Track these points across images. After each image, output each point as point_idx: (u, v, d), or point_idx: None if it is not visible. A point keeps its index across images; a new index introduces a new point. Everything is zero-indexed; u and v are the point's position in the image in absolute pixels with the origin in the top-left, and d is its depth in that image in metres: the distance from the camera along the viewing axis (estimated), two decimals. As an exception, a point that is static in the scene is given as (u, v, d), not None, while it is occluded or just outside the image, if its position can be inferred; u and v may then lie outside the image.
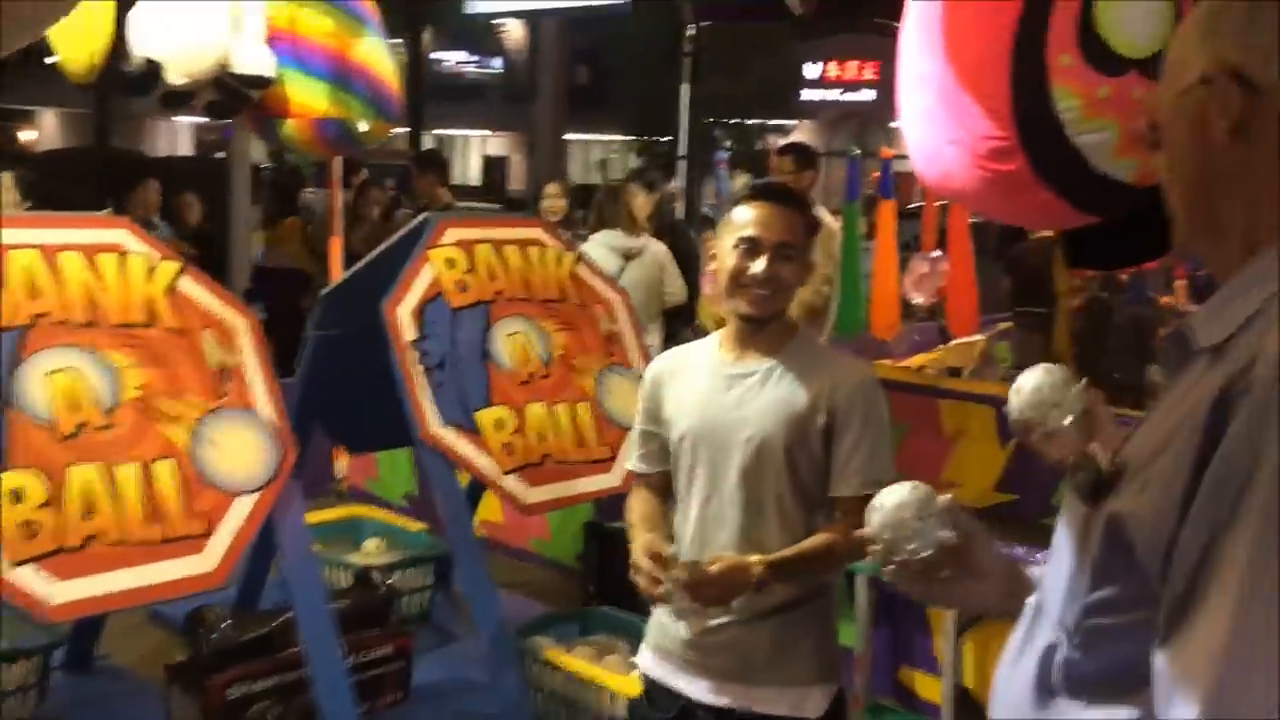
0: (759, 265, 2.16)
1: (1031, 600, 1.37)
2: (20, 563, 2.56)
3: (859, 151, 7.34)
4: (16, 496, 2.59)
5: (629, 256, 5.42)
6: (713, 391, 2.21)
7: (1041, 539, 1.57)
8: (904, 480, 2.00)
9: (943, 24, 2.52)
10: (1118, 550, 1.13)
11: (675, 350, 2.42)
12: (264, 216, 8.51)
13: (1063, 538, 1.27)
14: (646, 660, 2.28)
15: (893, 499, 1.53)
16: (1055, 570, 1.27)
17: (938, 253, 7.44)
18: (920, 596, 1.61)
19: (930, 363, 7.30)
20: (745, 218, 2.20)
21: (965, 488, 6.17)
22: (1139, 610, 1.12)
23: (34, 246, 2.82)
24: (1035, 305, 6.52)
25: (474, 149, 37.25)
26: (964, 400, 6.30)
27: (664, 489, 2.32)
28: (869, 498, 2.08)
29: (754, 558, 2.08)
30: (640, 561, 2.10)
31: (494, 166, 34.68)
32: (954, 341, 7.22)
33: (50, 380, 2.74)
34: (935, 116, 2.66)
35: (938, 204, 8.30)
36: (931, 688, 3.78)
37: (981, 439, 6.22)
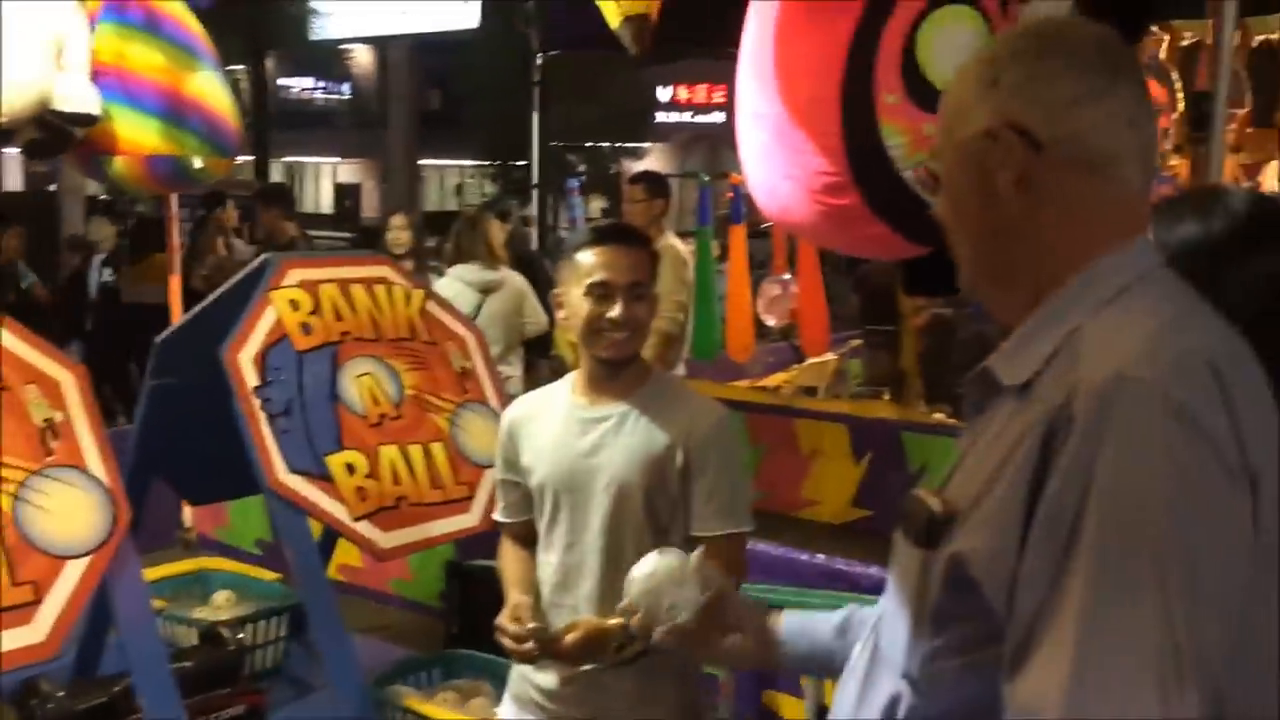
0: (615, 310, 2.16)
1: (857, 649, 1.39)
2: None
3: (708, 177, 7.47)
4: None
5: (487, 290, 5.38)
6: (568, 437, 2.20)
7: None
8: (752, 518, 2.04)
9: (775, 64, 2.57)
10: (961, 590, 1.15)
11: (529, 395, 2.40)
12: (131, 250, 8.13)
13: (897, 584, 1.28)
14: (508, 710, 2.25)
15: (647, 568, 1.62)
16: (893, 617, 1.29)
17: (788, 275, 7.62)
18: (691, 656, 1.69)
19: (785, 383, 7.45)
20: (592, 262, 2.19)
21: (823, 504, 6.31)
22: (985, 649, 1.14)
23: None
24: (883, 323, 6.72)
25: (325, 176, 36.54)
26: (819, 419, 6.45)
27: (531, 538, 2.29)
28: (729, 537, 2.11)
29: (613, 622, 2.05)
30: (506, 627, 2.11)
31: (346, 194, 34.08)
32: (808, 361, 7.39)
33: None
34: (772, 153, 2.71)
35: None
36: (796, 709, 3.83)
37: (836, 456, 6.37)
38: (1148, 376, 1.06)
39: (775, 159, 2.65)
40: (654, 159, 25.41)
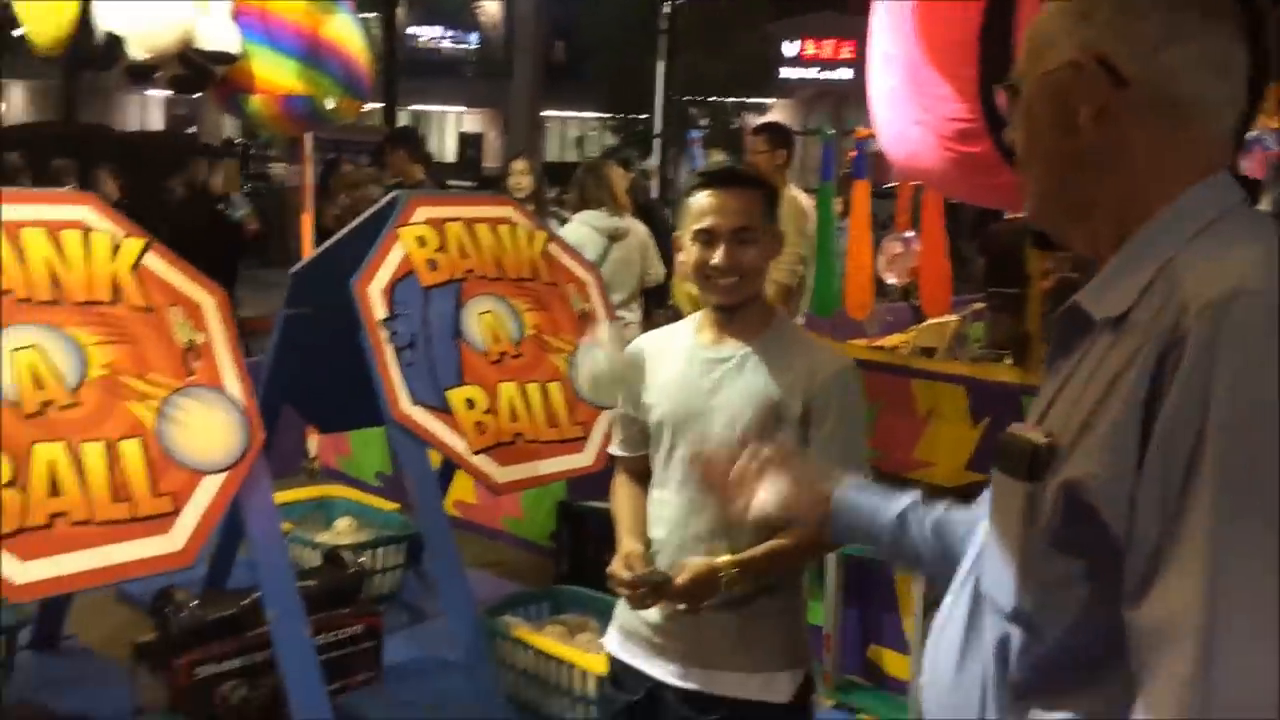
0: (718, 255, 2.14)
1: (948, 600, 1.37)
2: (-17, 542, 2.54)
3: (833, 131, 7.35)
4: (-21, 476, 2.56)
5: (614, 237, 5.39)
6: (689, 375, 2.20)
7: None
8: (869, 471, 2.03)
9: (912, 6, 2.51)
10: (1077, 518, 1.14)
11: (654, 333, 2.41)
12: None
13: (1001, 523, 1.27)
14: (613, 642, 2.28)
15: None
16: (995, 557, 1.27)
17: (911, 233, 7.47)
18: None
19: (903, 343, 7.33)
20: (699, 207, 2.17)
21: (936, 466, 6.22)
22: (1100, 580, 1.13)
23: (-5, 223, 2.78)
24: (1008, 286, 6.54)
25: (449, 126, 37.02)
26: (936, 380, 6.34)
27: (645, 473, 2.31)
28: None
29: (722, 560, 2.07)
30: (619, 574, 2.13)
31: (469, 143, 34.51)
32: (927, 322, 7.25)
33: (14, 358, 2.70)
34: (902, 97, 2.66)
35: (913, 184, 8.33)
36: (901, 665, 3.82)
37: (953, 419, 6.26)
38: (1264, 288, 1.06)
39: (906, 103, 2.60)
40: (777, 115, 25.07)
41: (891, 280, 7.75)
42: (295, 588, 3.08)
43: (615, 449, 2.41)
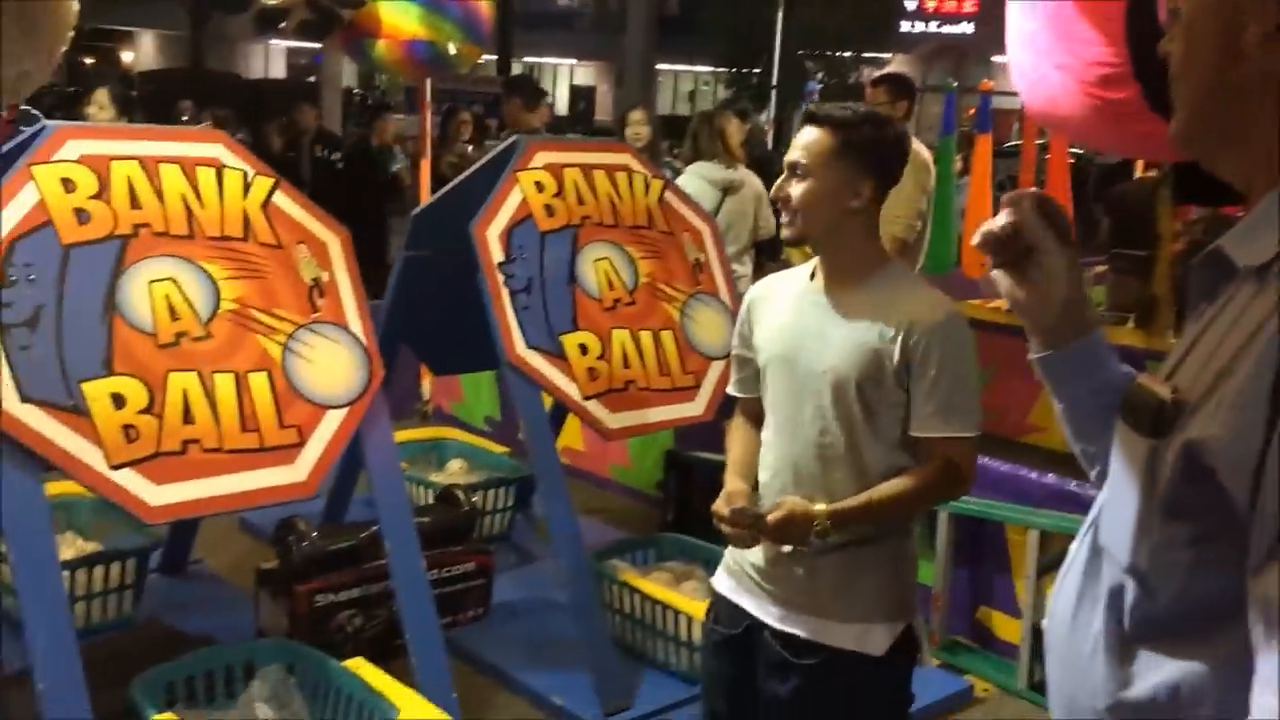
0: (775, 189, 2.19)
1: (1075, 544, 1.33)
2: (120, 465, 2.65)
3: (956, 84, 7.16)
4: (119, 401, 2.67)
5: (728, 189, 5.34)
6: (796, 320, 2.18)
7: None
8: (979, 423, 1.96)
9: (1058, -57, 2.41)
10: (1196, 479, 1.09)
11: (772, 276, 2.39)
12: None
13: (1122, 476, 1.22)
14: (720, 578, 2.29)
15: None
16: (1115, 509, 1.23)
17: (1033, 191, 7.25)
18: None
19: (1021, 303, 7.14)
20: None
21: (1051, 431, 6.07)
22: (1218, 543, 1.08)
23: (135, 158, 2.88)
24: (1134, 248, 6.31)
25: (562, 78, 37.09)
26: (1055, 343, 6.18)
27: (761, 415, 2.29)
28: (948, 441, 2.04)
29: (819, 507, 2.05)
30: (720, 510, 2.15)
31: (581, 96, 34.55)
32: (1047, 283, 7.05)
33: (151, 290, 2.80)
34: (1043, 41, 2.55)
35: (1037, 142, 8.08)
36: (1010, 628, 3.75)
37: (1071, 383, 6.09)
38: None
39: (1047, 48, 2.49)
40: (895, 69, 24.53)
41: (1012, 239, 7.54)
42: (412, 521, 3.15)
43: (732, 388, 2.40)
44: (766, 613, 2.15)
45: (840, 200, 2.10)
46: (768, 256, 5.83)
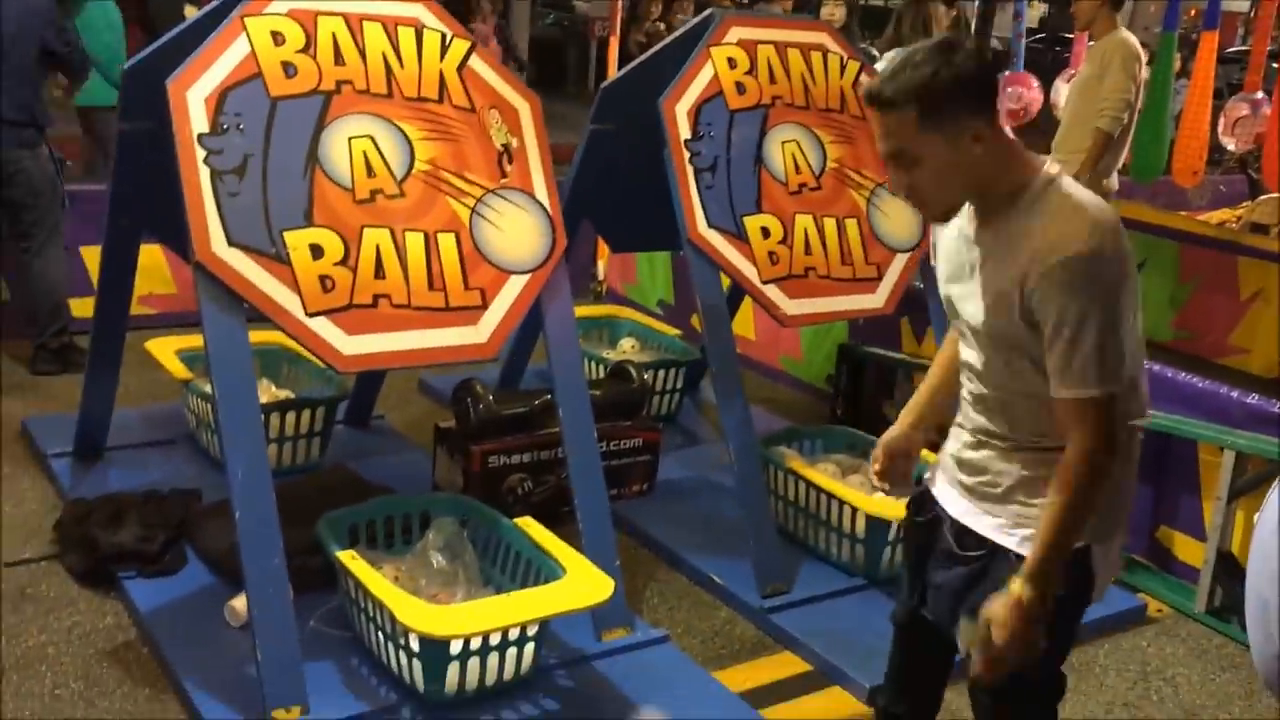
0: (894, 183, 1.94)
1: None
2: (316, 313, 2.76)
3: (1183, -24, 6.61)
4: (316, 252, 2.77)
5: None
6: (957, 259, 2.02)
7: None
8: (1109, 379, 1.78)
9: None
10: None
11: None
12: None
13: None
14: (928, 470, 2.23)
15: None
16: None
17: (1260, 94, 6.70)
18: None
19: (1233, 218, 6.68)
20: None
21: (1254, 354, 5.73)
22: None
23: (340, 14, 2.92)
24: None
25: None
26: (1268, 260, 5.76)
27: None
28: (1068, 403, 1.82)
29: (1014, 592, 1.85)
30: (876, 453, 2.16)
31: (772, -16, 33.49)
32: (1265, 195, 6.56)
33: (351, 146, 2.87)
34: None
35: (1271, 47, 7.45)
36: (1192, 551, 3.59)
37: (1283, 304, 5.70)
38: None
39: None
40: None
41: (1231, 145, 7.02)
42: (586, 390, 3.20)
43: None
44: (949, 499, 2.10)
45: (965, 157, 1.86)
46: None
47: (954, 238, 2.04)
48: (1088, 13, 5.14)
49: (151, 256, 4.61)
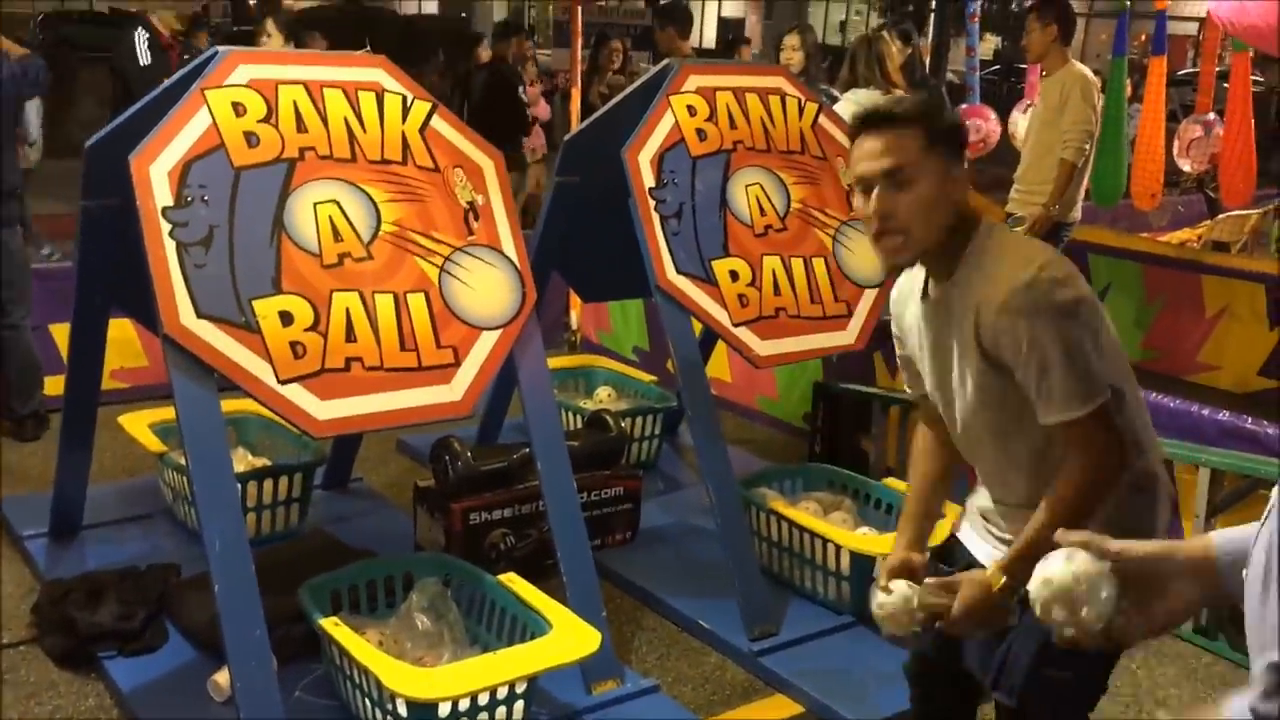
0: (870, 204, 1.86)
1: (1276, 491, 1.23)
2: (288, 380, 2.75)
3: (1129, 4, 6.76)
4: (286, 319, 2.77)
5: None
6: (922, 321, 2.02)
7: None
8: (1089, 396, 1.78)
9: None
10: None
11: (910, 273, 2.12)
12: None
13: None
14: (963, 528, 2.20)
15: (1056, 573, 1.40)
16: None
17: (1213, 116, 6.83)
18: (1113, 647, 1.49)
19: (1194, 237, 6.79)
20: (854, 156, 1.91)
21: (1223, 370, 5.79)
22: None
23: (301, 82, 2.95)
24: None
25: (710, 11, 36.54)
26: (1232, 278, 5.85)
27: (939, 415, 2.12)
28: (1060, 425, 1.83)
29: (990, 574, 1.87)
30: (880, 582, 1.99)
31: (729, 29, 33.96)
32: (1224, 214, 6.67)
33: (316, 211, 2.88)
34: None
35: (1216, 69, 7.60)
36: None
37: (1247, 319, 5.78)
38: None
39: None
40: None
41: (1187, 167, 7.14)
42: (564, 441, 3.19)
43: (908, 392, 2.22)
44: (987, 556, 2.03)
45: (949, 195, 1.86)
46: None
47: (916, 316, 2.04)
48: (1039, 46, 5.25)
49: (122, 330, 4.59)
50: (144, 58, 6.42)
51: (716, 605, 3.43)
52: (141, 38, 6.48)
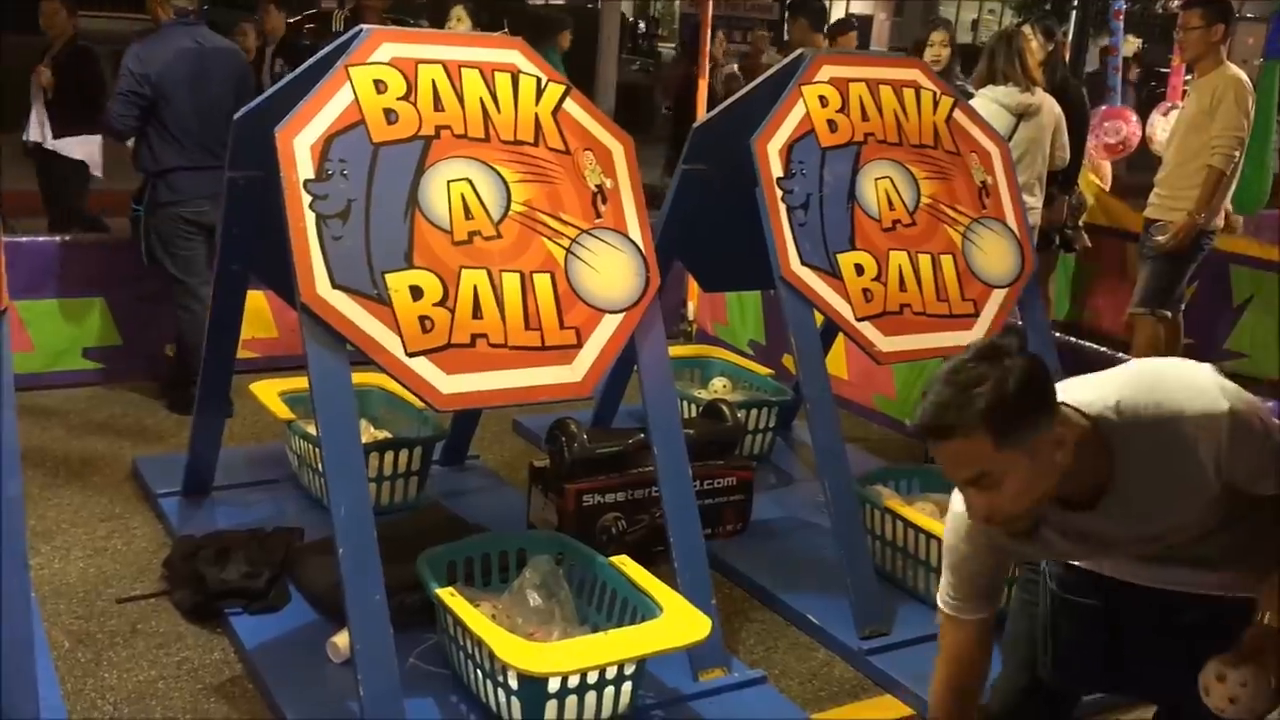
0: (971, 504, 1.79)
1: None
2: (416, 353, 2.81)
3: (1284, 4, 6.45)
4: (416, 293, 2.82)
5: (1022, 115, 5.01)
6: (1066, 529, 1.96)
7: None
8: None
9: None
10: None
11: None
12: None
13: None
14: None
15: None
16: None
17: (1370, 123, 6.47)
18: None
19: (1344, 250, 6.45)
20: (937, 459, 1.79)
21: (1253, 359, 5.47)
22: None
23: (440, 62, 3.00)
24: None
25: (838, 8, 36.13)
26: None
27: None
28: None
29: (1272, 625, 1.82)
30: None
31: (856, 26, 33.53)
32: (1379, 226, 6.33)
33: (449, 189, 2.93)
34: None
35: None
36: None
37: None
38: None
39: None
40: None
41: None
42: (681, 427, 3.20)
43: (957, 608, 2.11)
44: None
45: (1048, 468, 1.74)
46: (1060, 188, 5.49)
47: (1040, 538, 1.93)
48: (1196, 45, 5.03)
49: (255, 301, 4.74)
50: None
51: (826, 601, 3.40)
52: None
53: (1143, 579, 2.03)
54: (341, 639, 2.90)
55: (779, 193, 3.47)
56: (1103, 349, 4.43)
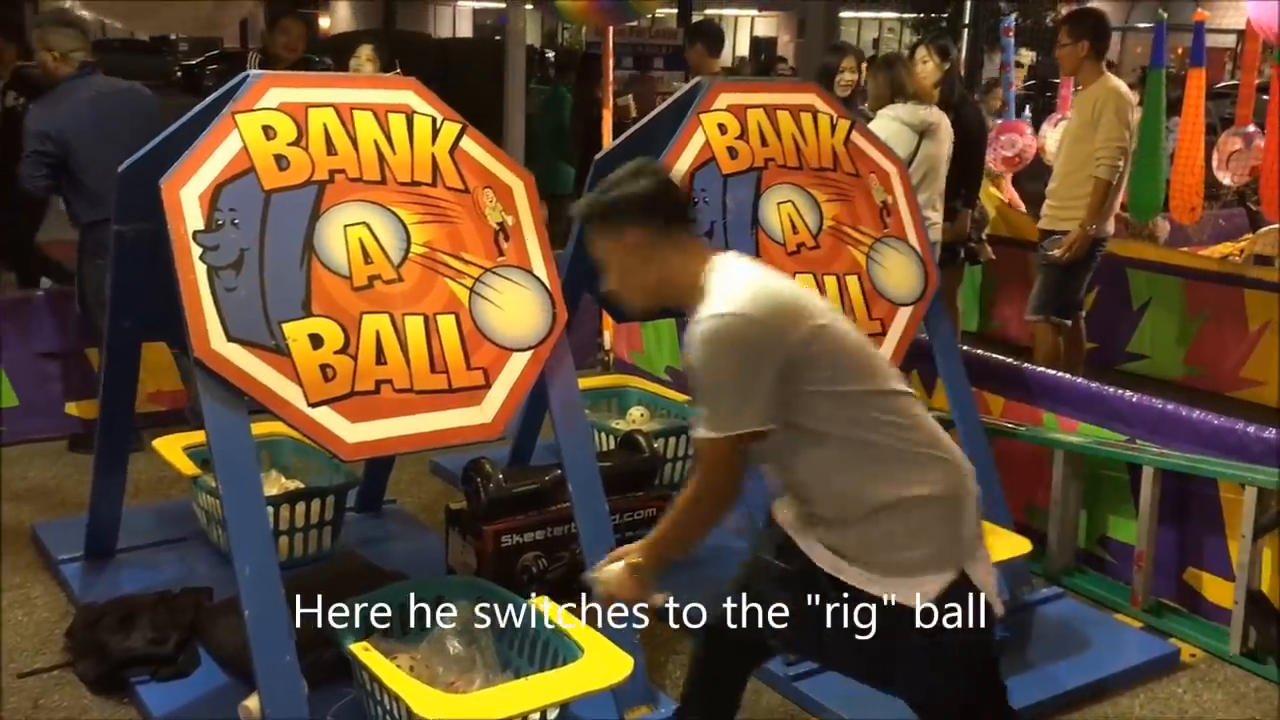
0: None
1: None
2: (318, 403, 2.75)
3: (1165, 15, 6.68)
4: (316, 341, 2.76)
5: (924, 132, 5.09)
6: None
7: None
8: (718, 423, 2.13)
9: None
10: None
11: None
12: None
13: None
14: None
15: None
16: None
17: (1253, 128, 6.72)
18: None
19: (1235, 251, 6.68)
20: None
21: (1267, 385, 5.68)
22: None
23: (331, 105, 2.95)
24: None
25: (743, 29, 36.66)
26: (1274, 292, 5.74)
27: None
28: (699, 442, 2.19)
29: (631, 553, 2.40)
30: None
31: (761, 48, 34.05)
32: (1265, 228, 6.55)
33: (346, 234, 2.88)
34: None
35: (1258, 80, 7.50)
36: (1222, 591, 3.52)
37: (1294, 334, 5.66)
38: None
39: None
40: (1092, 3, 23.12)
41: (1227, 180, 7.03)
42: (596, 462, 3.17)
43: None
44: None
45: (638, 267, 2.24)
46: (963, 202, 5.58)
47: None
48: (1068, 60, 5.18)
49: (160, 353, 4.63)
50: None
51: (751, 628, 3.37)
52: None
53: None
54: (253, 702, 2.80)
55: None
56: (1007, 359, 4.49)
